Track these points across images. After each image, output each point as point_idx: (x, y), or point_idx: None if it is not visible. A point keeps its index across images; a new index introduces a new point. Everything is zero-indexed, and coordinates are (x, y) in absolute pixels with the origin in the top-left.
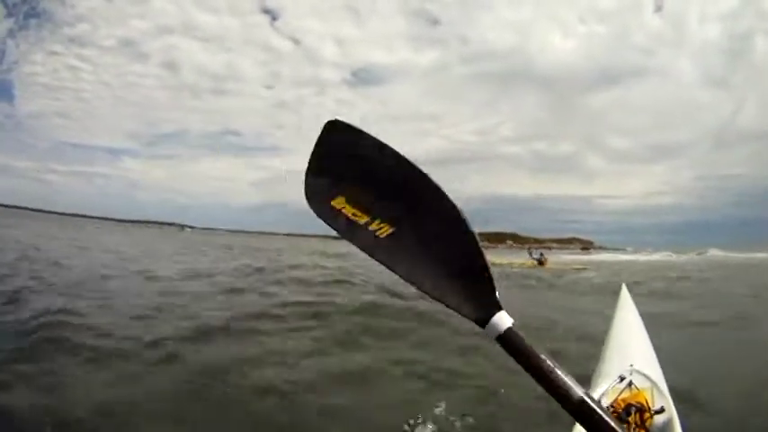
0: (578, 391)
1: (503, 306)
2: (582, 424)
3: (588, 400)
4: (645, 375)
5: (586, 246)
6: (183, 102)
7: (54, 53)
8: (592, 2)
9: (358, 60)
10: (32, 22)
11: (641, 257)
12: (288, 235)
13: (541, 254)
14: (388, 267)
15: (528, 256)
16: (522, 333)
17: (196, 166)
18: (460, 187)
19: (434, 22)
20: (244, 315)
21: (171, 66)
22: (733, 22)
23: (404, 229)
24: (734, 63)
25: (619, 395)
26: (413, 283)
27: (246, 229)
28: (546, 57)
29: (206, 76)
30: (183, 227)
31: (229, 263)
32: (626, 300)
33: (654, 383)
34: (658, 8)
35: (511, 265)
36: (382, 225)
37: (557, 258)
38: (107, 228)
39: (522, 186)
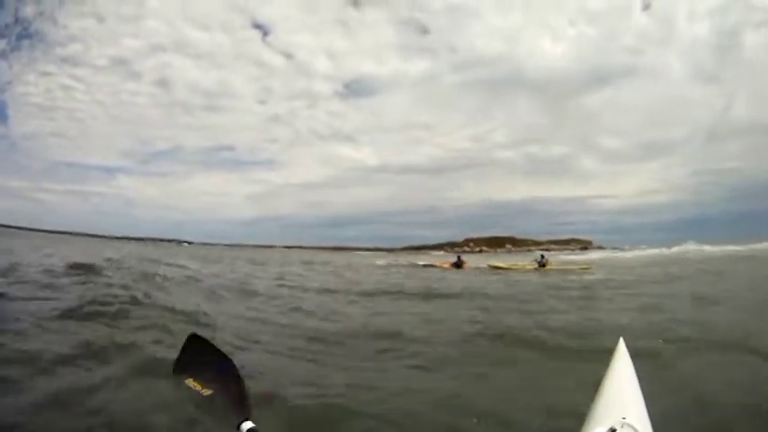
0: None
1: (253, 414)
2: None
3: None
4: (634, 428)
5: (585, 246)
6: (176, 119)
7: (47, 73)
8: (580, 4)
9: (349, 72)
10: (25, 42)
11: (636, 254)
12: (287, 247)
13: (542, 255)
14: (203, 409)
15: (530, 258)
16: None
17: (190, 182)
18: (457, 195)
19: (424, 31)
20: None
21: (163, 83)
22: (721, 17)
23: (214, 390)
24: (723, 58)
25: None
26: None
27: (243, 243)
28: (536, 61)
29: (198, 93)
30: (180, 242)
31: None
32: (622, 351)
33: None
34: (646, 7)
35: (513, 268)
36: (205, 390)
37: (558, 259)
38: (115, 246)
39: (518, 190)
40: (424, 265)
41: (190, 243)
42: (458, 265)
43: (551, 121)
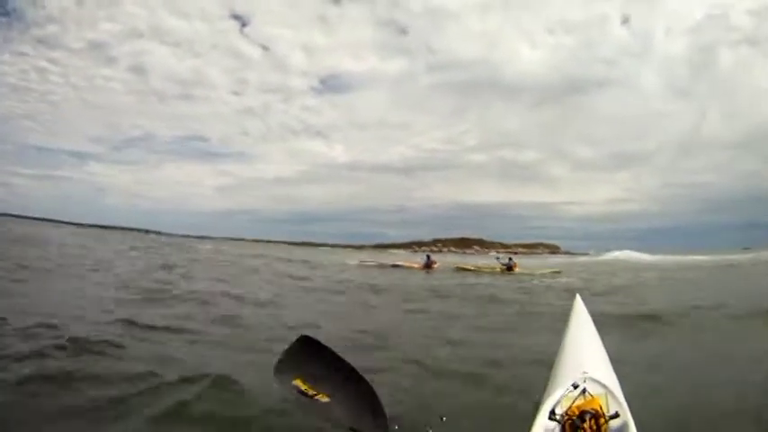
0: None
1: (390, 427)
2: None
3: None
4: (598, 382)
5: (553, 250)
6: (150, 106)
7: (22, 54)
8: (560, 13)
9: (326, 68)
10: (1, 21)
11: (598, 258)
12: (255, 241)
13: (510, 258)
14: (319, 416)
15: (496, 260)
16: None
17: (161, 171)
18: (427, 195)
19: (402, 31)
20: None
21: (139, 70)
22: (698, 35)
23: (335, 399)
24: (698, 75)
25: (573, 402)
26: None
27: (212, 235)
28: (513, 66)
29: (173, 82)
30: (147, 232)
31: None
32: (580, 309)
33: (608, 389)
34: (625, 20)
35: (479, 270)
36: (320, 395)
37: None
38: (84, 234)
39: (488, 193)
40: (393, 266)
41: (158, 233)
42: (428, 265)
43: (525, 126)
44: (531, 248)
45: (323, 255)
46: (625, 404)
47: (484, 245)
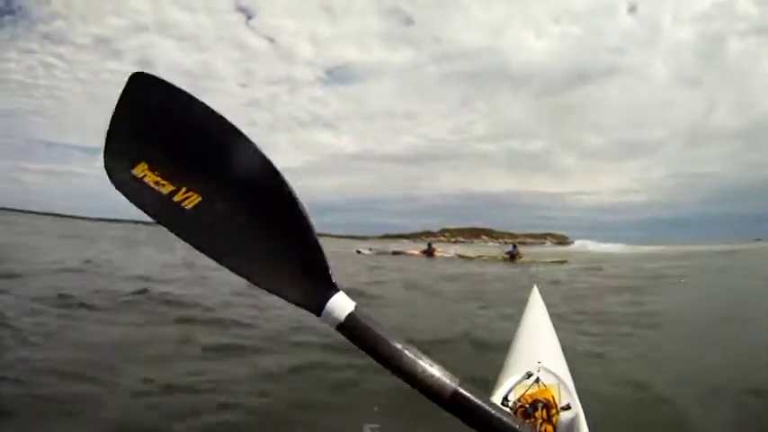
0: (450, 382)
1: (340, 287)
2: (460, 417)
3: (463, 392)
4: (552, 372)
5: (561, 241)
6: None
7: (29, 50)
8: (566, 2)
9: (332, 59)
10: (7, 18)
11: (605, 249)
12: None
13: (514, 246)
14: (194, 245)
15: (499, 249)
16: (368, 318)
17: None
18: (435, 185)
19: (408, 21)
20: None
21: (146, 63)
22: (706, 23)
23: (213, 198)
24: (707, 64)
25: (526, 391)
26: (223, 264)
27: None
28: (520, 56)
29: (180, 74)
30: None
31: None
32: (536, 299)
33: (560, 380)
34: (632, 9)
35: (481, 258)
36: (189, 194)
37: (531, 250)
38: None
39: (497, 183)
40: (393, 253)
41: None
42: (428, 252)
43: (532, 116)
44: (539, 239)
45: (326, 245)
46: (576, 397)
47: (493, 235)
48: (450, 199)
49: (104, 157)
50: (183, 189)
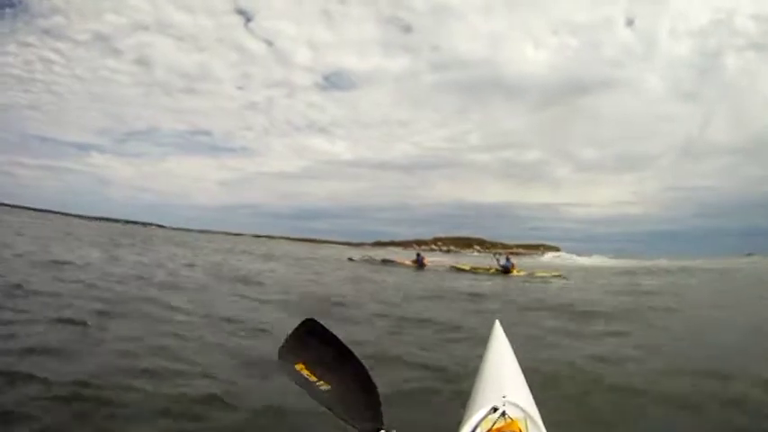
0: None
1: (384, 423)
2: None
3: None
4: (518, 406)
5: (555, 251)
6: (154, 99)
7: (27, 44)
8: (564, 14)
9: (330, 64)
10: (7, 11)
11: (596, 262)
12: (256, 236)
13: (507, 258)
14: (318, 401)
15: (495, 261)
16: None
17: (165, 164)
18: (429, 194)
19: (406, 29)
20: None
21: (144, 63)
22: (703, 38)
23: (333, 384)
24: (703, 78)
25: (493, 425)
26: (329, 408)
27: (213, 230)
28: (517, 67)
29: (178, 75)
30: (146, 225)
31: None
32: (498, 333)
33: (527, 413)
34: (630, 22)
35: (475, 270)
36: (321, 383)
37: (524, 261)
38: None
39: (490, 193)
40: (383, 261)
41: (162, 227)
42: (419, 263)
43: (528, 127)
44: (533, 249)
45: (315, 250)
46: (543, 428)
47: (485, 245)
48: (444, 208)
49: (279, 353)
50: (322, 381)
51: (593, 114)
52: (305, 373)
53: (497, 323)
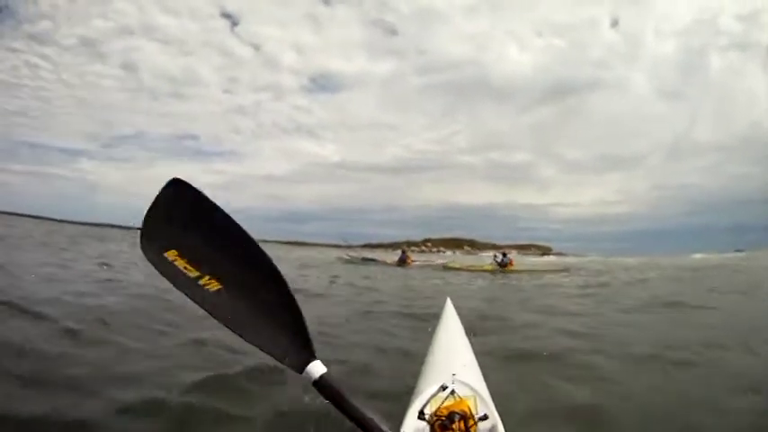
0: (384, 427)
1: (317, 356)
2: None
3: None
4: (467, 384)
5: (545, 251)
6: (141, 104)
7: (14, 50)
8: (549, 16)
9: (316, 67)
10: None
11: (584, 260)
12: None
13: (504, 254)
14: (217, 319)
15: (491, 259)
16: (335, 379)
17: (153, 169)
18: (418, 195)
19: (392, 32)
20: None
21: (130, 67)
22: (687, 38)
23: (230, 287)
24: (688, 78)
25: (442, 404)
26: (239, 334)
27: None
28: (502, 68)
29: (165, 79)
30: (137, 229)
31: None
32: (450, 312)
33: (476, 392)
34: (614, 23)
35: (469, 268)
36: (211, 281)
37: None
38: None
39: (479, 195)
40: (364, 260)
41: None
42: (402, 261)
43: (514, 128)
44: (523, 249)
45: (292, 252)
46: (493, 407)
47: (475, 245)
48: (433, 210)
49: (141, 239)
50: (207, 277)
51: (578, 115)
52: (179, 264)
53: (449, 301)
